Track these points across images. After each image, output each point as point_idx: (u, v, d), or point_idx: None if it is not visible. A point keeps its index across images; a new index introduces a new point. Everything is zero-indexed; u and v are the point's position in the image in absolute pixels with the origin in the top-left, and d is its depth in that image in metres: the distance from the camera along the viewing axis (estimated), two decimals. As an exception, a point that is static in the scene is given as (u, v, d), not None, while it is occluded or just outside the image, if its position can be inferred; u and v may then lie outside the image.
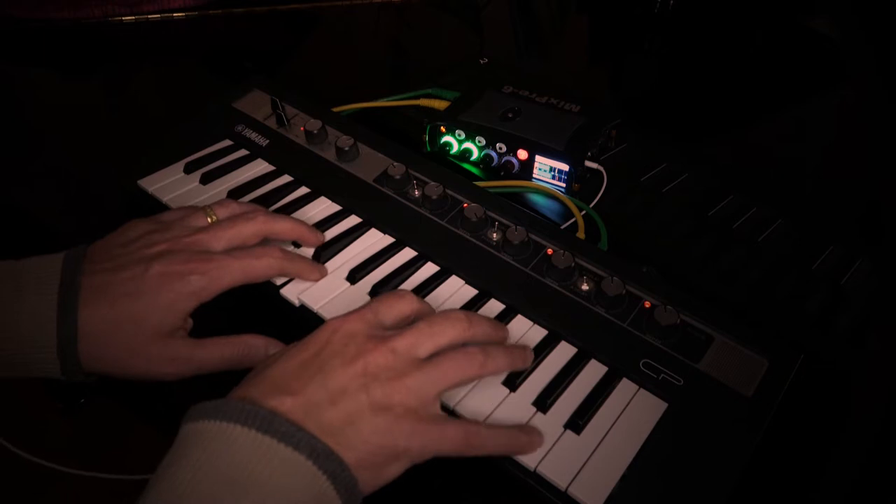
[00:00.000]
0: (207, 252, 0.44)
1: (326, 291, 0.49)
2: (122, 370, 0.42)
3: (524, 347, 0.43)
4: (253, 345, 0.44)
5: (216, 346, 0.43)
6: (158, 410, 0.46)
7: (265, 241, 0.49)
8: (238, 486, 0.30)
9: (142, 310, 0.41)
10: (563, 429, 0.41)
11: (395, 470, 0.36)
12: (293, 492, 0.31)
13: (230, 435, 0.32)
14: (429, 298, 0.49)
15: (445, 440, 0.36)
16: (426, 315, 0.41)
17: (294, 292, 0.49)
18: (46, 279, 0.40)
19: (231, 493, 0.30)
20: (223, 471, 0.31)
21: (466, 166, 0.65)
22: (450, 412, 0.42)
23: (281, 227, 0.49)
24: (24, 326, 0.39)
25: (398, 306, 0.41)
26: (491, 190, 0.59)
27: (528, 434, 0.40)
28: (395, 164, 0.57)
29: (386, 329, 0.39)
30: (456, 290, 0.50)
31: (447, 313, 0.40)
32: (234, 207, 0.49)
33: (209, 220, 0.48)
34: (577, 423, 0.41)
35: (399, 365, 0.36)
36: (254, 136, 0.63)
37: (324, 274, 0.50)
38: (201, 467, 0.31)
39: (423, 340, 0.38)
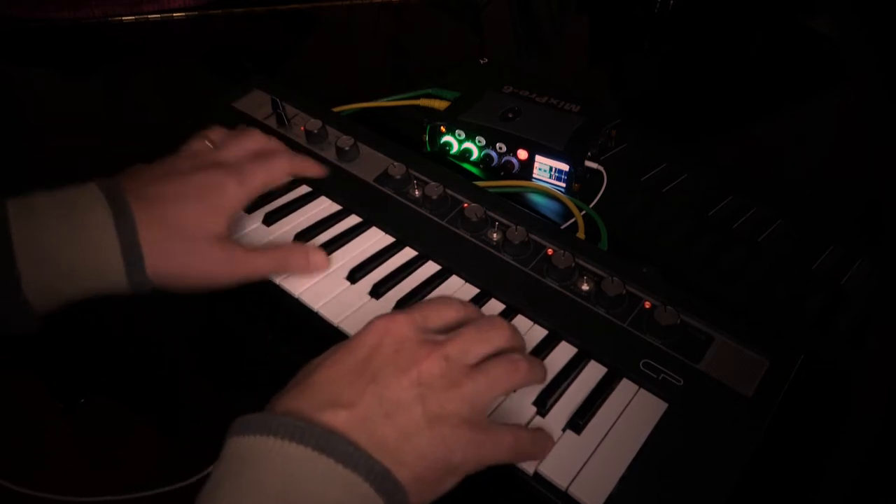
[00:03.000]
0: (228, 163, 0.48)
1: (326, 291, 0.49)
2: (183, 273, 0.44)
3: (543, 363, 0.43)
4: (294, 248, 0.50)
5: (266, 251, 0.48)
6: (158, 410, 0.46)
7: None
8: None
9: (194, 212, 0.44)
10: (563, 429, 0.41)
11: (449, 483, 0.35)
12: None
13: (284, 453, 0.31)
14: (429, 298, 0.49)
15: (500, 448, 0.36)
16: (472, 319, 0.41)
17: (295, 290, 0.49)
18: (90, 198, 0.42)
19: None
20: (277, 490, 0.30)
21: (466, 166, 0.65)
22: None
23: (275, 144, 0.54)
24: (84, 239, 0.40)
25: (445, 313, 0.40)
26: (491, 190, 0.59)
27: (548, 437, 0.40)
28: (396, 163, 0.57)
29: (433, 332, 0.38)
30: (456, 290, 0.50)
31: (492, 320, 0.40)
32: (221, 129, 0.54)
33: (209, 143, 0.52)
34: (577, 423, 0.41)
35: (452, 373, 0.35)
36: (254, 136, 0.63)
37: (324, 171, 0.55)
38: (254, 486, 0.30)
39: (473, 346, 0.37)
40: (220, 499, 0.30)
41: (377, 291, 0.49)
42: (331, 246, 0.52)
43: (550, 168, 0.61)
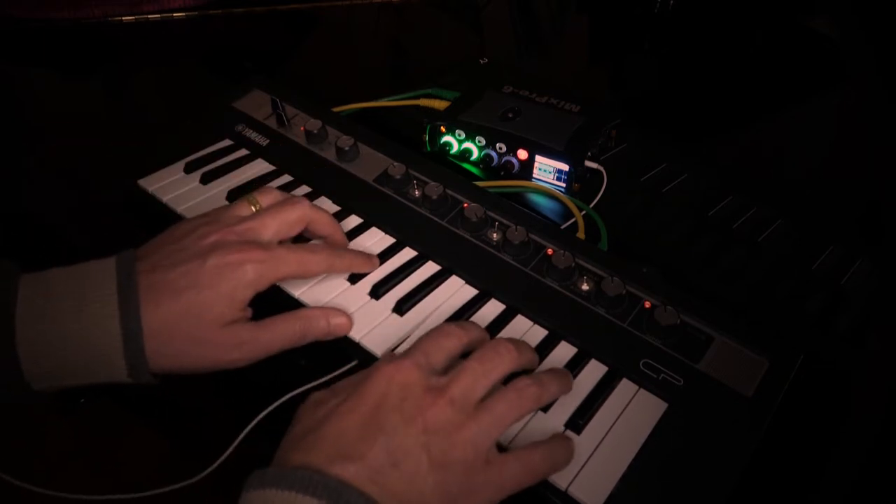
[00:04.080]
0: (259, 242, 0.44)
1: (326, 292, 0.49)
2: (190, 362, 0.42)
3: (566, 373, 0.43)
4: (313, 316, 0.45)
5: (278, 326, 0.44)
6: (159, 411, 0.46)
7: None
8: None
9: (203, 301, 0.41)
10: (563, 429, 0.41)
11: None
12: None
13: None
14: (429, 298, 0.49)
15: (506, 482, 0.36)
16: (475, 344, 0.41)
17: (294, 291, 0.49)
18: (102, 283, 0.40)
19: None
20: None
21: (466, 166, 0.65)
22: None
23: (321, 216, 0.49)
24: (86, 333, 0.39)
25: (446, 345, 0.40)
26: (491, 190, 0.59)
27: (568, 445, 0.40)
28: (396, 164, 0.57)
29: (438, 372, 0.38)
30: (456, 290, 0.50)
31: (495, 345, 0.40)
32: (275, 194, 0.50)
33: (253, 208, 0.48)
34: (577, 423, 0.41)
35: (457, 417, 0.36)
36: (254, 135, 0.63)
37: (376, 265, 0.51)
38: None
39: (477, 381, 0.37)
40: None
41: (377, 292, 0.49)
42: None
43: (550, 168, 0.61)
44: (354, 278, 0.50)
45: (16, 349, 0.37)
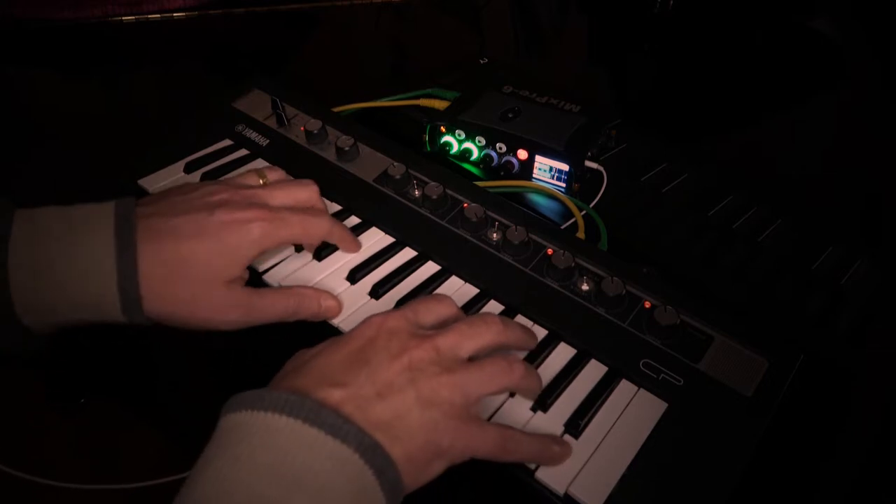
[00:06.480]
0: (266, 205, 0.45)
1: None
2: (183, 315, 0.42)
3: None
4: (306, 295, 0.46)
5: (275, 296, 0.45)
6: (158, 410, 0.46)
7: None
8: (282, 479, 0.30)
9: (206, 252, 0.41)
10: (563, 429, 0.41)
11: (435, 469, 0.35)
12: (338, 485, 0.30)
13: (276, 426, 0.31)
14: (422, 297, 0.49)
15: (486, 443, 0.36)
16: (464, 317, 0.41)
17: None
18: (99, 221, 0.40)
19: (275, 485, 0.30)
20: (268, 463, 0.30)
21: (466, 166, 0.65)
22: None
23: (324, 206, 0.51)
24: (82, 267, 0.38)
25: (437, 309, 0.41)
26: (491, 190, 0.59)
27: (559, 445, 0.40)
28: (395, 164, 0.57)
29: (426, 328, 0.39)
30: (456, 290, 0.50)
31: (483, 316, 0.40)
32: (283, 172, 0.52)
33: (261, 181, 0.49)
34: (577, 423, 0.41)
35: (443, 361, 0.36)
36: (254, 135, 0.63)
37: (358, 247, 0.52)
38: (245, 459, 0.30)
39: (464, 340, 0.38)
40: (211, 474, 0.30)
41: (377, 292, 0.49)
42: (330, 246, 0.52)
43: (550, 168, 0.61)
44: (355, 279, 0.50)
45: (8, 280, 0.37)
